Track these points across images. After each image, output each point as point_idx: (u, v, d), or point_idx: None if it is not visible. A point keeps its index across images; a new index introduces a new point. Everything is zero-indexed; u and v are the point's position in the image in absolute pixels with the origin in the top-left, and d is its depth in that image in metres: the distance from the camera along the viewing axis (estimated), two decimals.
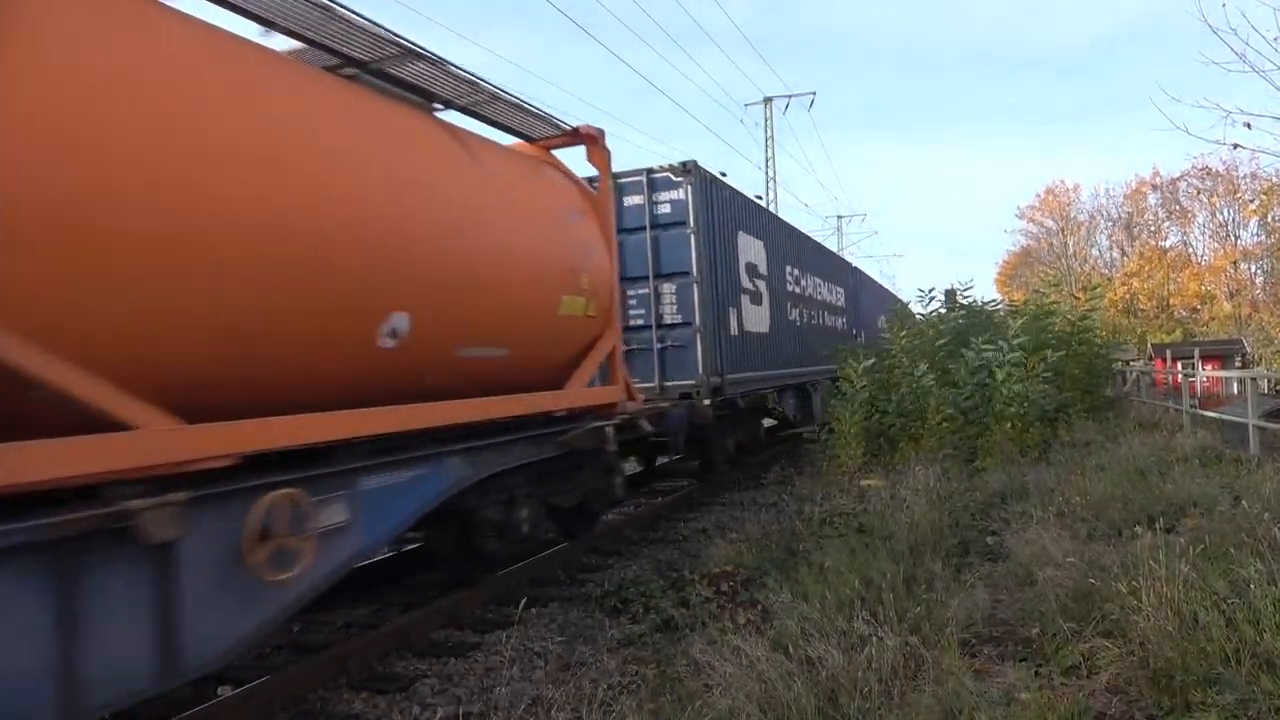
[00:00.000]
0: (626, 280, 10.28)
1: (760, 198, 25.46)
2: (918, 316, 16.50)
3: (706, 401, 10.65)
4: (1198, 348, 31.78)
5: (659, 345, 10.97)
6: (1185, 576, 4.31)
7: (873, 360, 14.07)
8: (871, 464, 11.42)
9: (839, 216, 49.20)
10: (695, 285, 10.85)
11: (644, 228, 10.98)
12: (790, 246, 15.23)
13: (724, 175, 12.09)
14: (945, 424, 11.61)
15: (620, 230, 9.65)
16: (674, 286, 10.96)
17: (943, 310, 15.36)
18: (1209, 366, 27.65)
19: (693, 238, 10.84)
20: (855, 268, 23.02)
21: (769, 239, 13.78)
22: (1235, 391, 22.55)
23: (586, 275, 7.18)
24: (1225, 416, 12.67)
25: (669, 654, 5.15)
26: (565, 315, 6.87)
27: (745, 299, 12.41)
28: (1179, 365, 25.16)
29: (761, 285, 13.26)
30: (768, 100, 33.34)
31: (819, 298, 17.27)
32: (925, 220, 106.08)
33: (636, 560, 8.37)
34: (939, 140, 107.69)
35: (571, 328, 7.07)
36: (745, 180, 66.65)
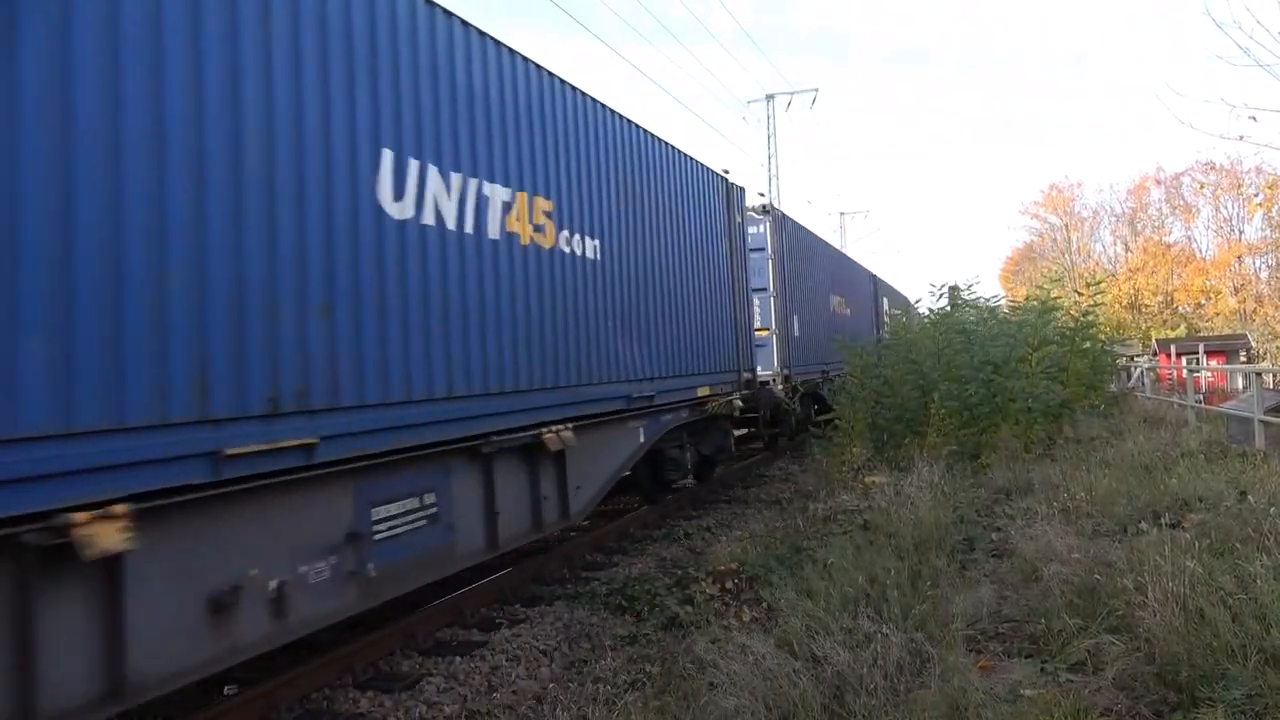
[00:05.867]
0: None
1: (763, 195, 25.29)
2: (926, 312, 16.45)
3: None
4: (1202, 343, 31.74)
5: None
6: (1191, 572, 4.29)
7: (875, 357, 14.05)
8: (875, 461, 11.41)
9: (841, 213, 49.00)
10: None
11: None
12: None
13: (727, 173, 12.06)
14: (949, 420, 11.59)
15: None
16: None
17: (947, 307, 15.28)
18: (1213, 362, 27.59)
19: None
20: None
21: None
22: (1240, 387, 22.50)
23: None
24: (1230, 412, 12.63)
25: (674, 652, 5.15)
26: None
27: None
28: (1183, 361, 25.12)
29: None
30: (770, 97, 33.24)
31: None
32: (929, 216, 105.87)
33: (641, 558, 8.38)
34: (942, 136, 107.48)
35: None
36: (747, 177, 66.66)
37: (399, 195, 5.35)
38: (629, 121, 9.03)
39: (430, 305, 5.58)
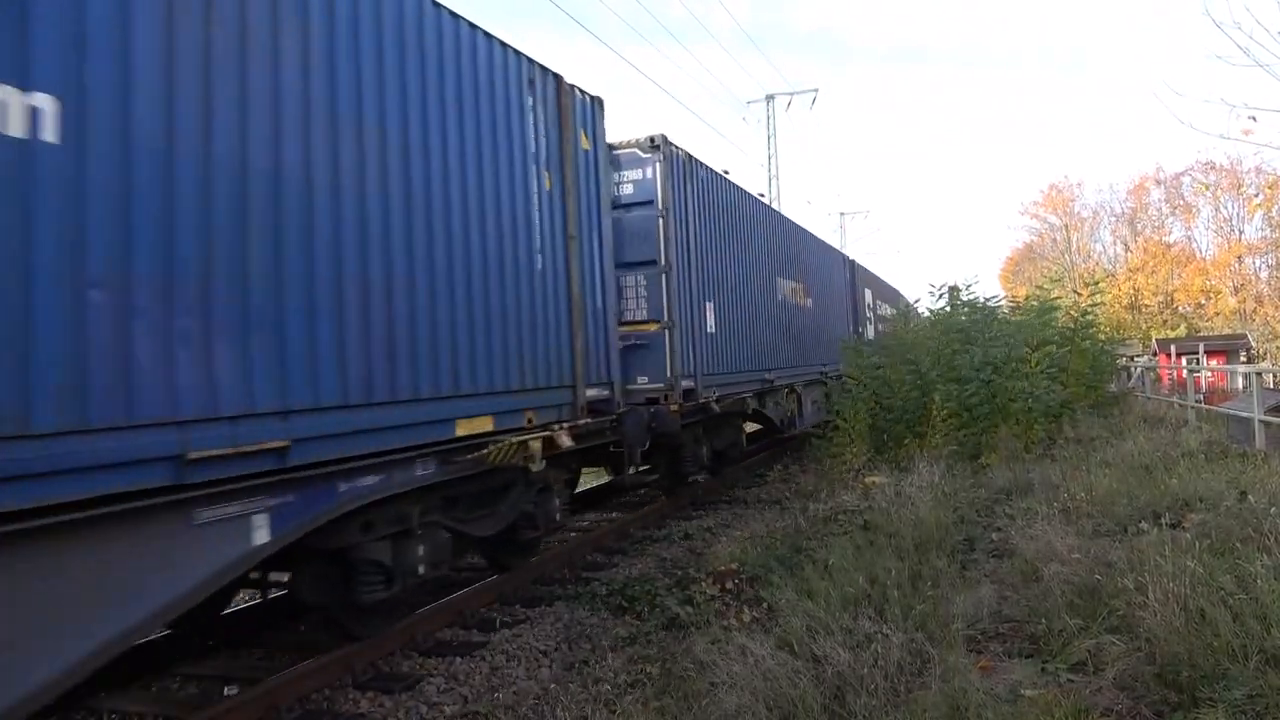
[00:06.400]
0: None
1: (763, 195, 25.24)
2: (926, 313, 16.48)
3: None
4: (1202, 343, 31.74)
5: None
6: (1191, 572, 4.30)
7: (876, 357, 14.06)
8: (875, 461, 11.42)
9: (841, 213, 48.99)
10: None
11: None
12: None
13: (727, 173, 12.01)
14: (950, 420, 11.60)
15: None
16: None
17: (947, 308, 15.32)
18: (1213, 362, 27.60)
19: None
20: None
21: None
22: (1240, 387, 22.51)
23: None
24: (1230, 412, 12.64)
25: (674, 652, 5.15)
26: None
27: None
28: (1183, 360, 25.13)
29: None
30: (770, 98, 33.22)
31: None
32: (929, 216, 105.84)
33: (641, 558, 8.38)
34: (942, 136, 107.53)
35: None
36: (747, 178, 66.91)
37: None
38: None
39: None
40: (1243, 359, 30.35)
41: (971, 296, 15.02)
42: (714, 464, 11.92)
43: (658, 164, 9.64)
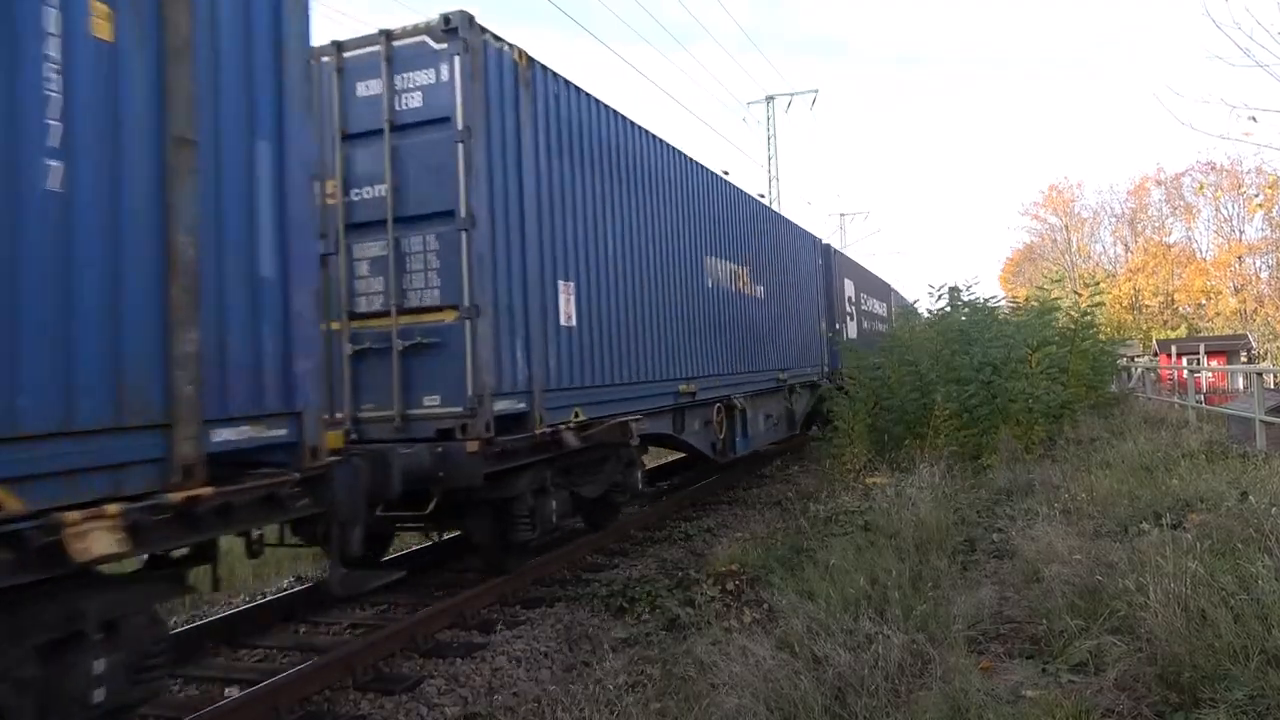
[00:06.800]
0: None
1: (763, 196, 25.18)
2: (926, 313, 16.44)
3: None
4: (1203, 343, 31.74)
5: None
6: (1193, 573, 4.29)
7: (876, 357, 14.06)
8: (876, 462, 11.42)
9: (841, 214, 49.02)
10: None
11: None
12: None
13: (727, 174, 11.98)
14: (950, 421, 11.61)
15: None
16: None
17: (947, 308, 15.30)
18: (1214, 362, 27.60)
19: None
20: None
21: None
22: (1241, 387, 22.51)
23: None
24: (1231, 412, 12.64)
25: (675, 653, 5.15)
26: None
27: None
28: (1184, 361, 25.14)
29: None
30: (770, 98, 33.22)
31: None
32: (929, 217, 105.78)
33: (642, 559, 8.38)
34: (942, 136, 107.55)
35: None
36: (747, 178, 66.91)
37: None
38: None
39: None
40: (1243, 359, 30.35)
41: (972, 297, 15.00)
42: (592, 516, 8.78)
43: (457, 60, 6.30)
